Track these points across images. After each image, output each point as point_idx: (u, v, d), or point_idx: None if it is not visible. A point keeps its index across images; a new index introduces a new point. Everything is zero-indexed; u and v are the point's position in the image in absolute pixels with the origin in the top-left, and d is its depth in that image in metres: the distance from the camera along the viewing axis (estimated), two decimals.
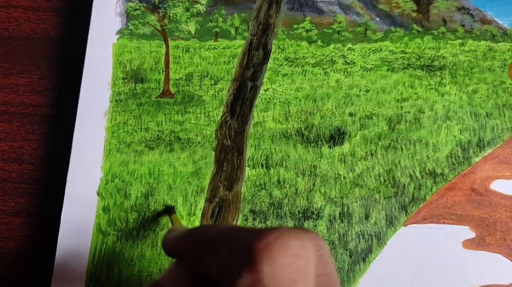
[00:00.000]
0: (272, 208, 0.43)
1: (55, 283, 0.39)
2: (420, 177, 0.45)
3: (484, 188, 0.45)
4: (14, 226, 0.44)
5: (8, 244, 0.44)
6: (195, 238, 0.26)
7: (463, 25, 0.51)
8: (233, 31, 0.49)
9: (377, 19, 0.50)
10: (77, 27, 0.51)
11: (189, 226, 0.42)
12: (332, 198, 0.44)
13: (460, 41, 0.50)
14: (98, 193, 0.43)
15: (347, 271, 0.41)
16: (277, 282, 0.21)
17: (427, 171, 0.45)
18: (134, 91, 0.47)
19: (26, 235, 0.44)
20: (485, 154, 0.46)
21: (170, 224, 0.42)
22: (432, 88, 0.48)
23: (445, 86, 0.48)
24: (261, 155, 0.45)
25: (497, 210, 0.44)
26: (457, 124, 0.47)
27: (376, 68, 0.48)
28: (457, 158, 0.45)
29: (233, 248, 0.22)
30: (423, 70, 0.49)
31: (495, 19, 0.51)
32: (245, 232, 0.23)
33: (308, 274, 0.22)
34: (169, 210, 0.39)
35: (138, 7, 0.49)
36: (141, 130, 0.45)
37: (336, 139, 0.46)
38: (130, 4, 0.49)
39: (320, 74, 0.48)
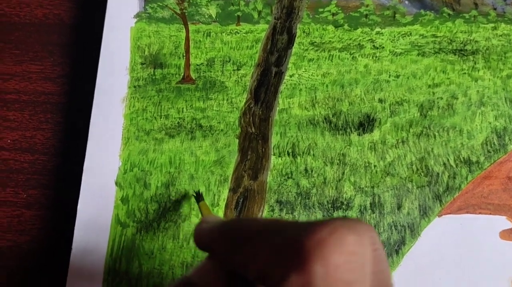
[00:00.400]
0: (299, 198, 0.41)
1: (71, 278, 0.37)
2: (454, 166, 0.42)
3: None
4: (27, 218, 0.42)
5: (19, 237, 0.42)
6: (232, 232, 0.23)
7: (495, 9, 0.48)
8: (255, 15, 0.47)
9: (406, 2, 0.48)
10: (91, 12, 0.49)
11: (221, 216, 0.39)
12: (363, 188, 0.41)
13: (492, 24, 0.48)
14: (116, 183, 0.41)
15: None
16: (331, 284, 0.18)
17: (462, 159, 0.43)
18: (153, 77, 0.44)
19: (38, 228, 0.42)
20: None
21: (193, 215, 0.39)
22: (465, 73, 0.46)
23: (478, 71, 0.46)
24: (287, 143, 0.42)
25: None
26: (492, 110, 0.44)
27: (406, 53, 0.46)
28: (492, 145, 0.43)
29: (277, 244, 0.20)
30: (455, 54, 0.46)
31: None
32: (290, 226, 0.20)
33: (365, 273, 0.19)
34: (197, 197, 0.37)
35: None
36: (161, 117, 0.43)
37: (366, 126, 0.43)
38: None
39: (348, 59, 0.46)
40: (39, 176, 0.44)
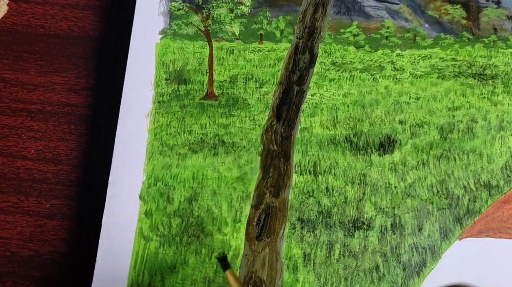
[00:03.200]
0: (320, 217, 0.41)
1: None
2: (474, 189, 0.43)
3: None
4: (49, 229, 0.43)
5: (42, 247, 0.43)
6: None
7: None
8: (278, 33, 0.48)
9: (426, 25, 0.49)
10: (116, 26, 0.50)
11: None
12: (383, 208, 0.42)
13: (511, 50, 0.48)
14: (140, 197, 0.41)
15: (401, 285, 0.39)
16: None
17: (482, 183, 0.43)
18: (177, 93, 0.45)
19: (61, 239, 0.43)
20: None
21: (215, 231, 0.40)
22: (484, 97, 0.46)
23: (497, 95, 0.46)
24: (308, 162, 0.43)
25: None
26: (511, 135, 0.45)
27: (426, 75, 0.47)
28: None
29: None
30: (474, 78, 0.47)
31: None
32: None
33: None
34: (223, 262, 0.34)
35: (181, 7, 0.47)
36: (184, 133, 0.44)
37: (386, 147, 0.44)
38: (174, 3, 0.48)
39: (369, 80, 0.47)
40: (62, 187, 0.44)
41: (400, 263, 0.40)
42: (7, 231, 0.43)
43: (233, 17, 0.48)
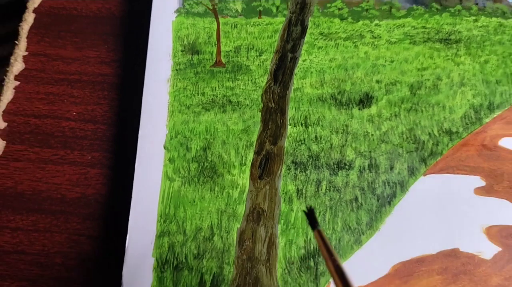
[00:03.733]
0: (310, 160, 0.50)
1: (132, 219, 0.47)
2: (437, 135, 0.52)
3: (493, 144, 0.52)
4: (92, 175, 0.52)
5: (86, 190, 0.52)
6: None
7: (476, 4, 0.57)
8: (274, 9, 0.56)
9: None
10: (138, 6, 0.58)
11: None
12: (362, 152, 0.51)
13: (474, 17, 0.57)
14: (164, 147, 0.50)
15: (375, 212, 0.49)
16: None
17: (444, 130, 0.52)
18: (191, 62, 0.54)
19: (102, 183, 0.52)
20: (495, 115, 0.53)
21: (225, 172, 0.50)
22: (449, 59, 0.55)
23: (460, 57, 0.55)
24: (300, 116, 0.52)
25: (504, 163, 0.51)
26: (470, 90, 0.53)
27: (399, 42, 0.56)
28: (470, 119, 0.52)
29: None
30: (441, 43, 0.55)
31: None
32: None
33: None
34: (310, 218, 0.33)
35: None
36: (198, 95, 0.53)
37: (365, 102, 0.53)
38: None
39: (351, 47, 0.55)
40: (100, 142, 0.54)
41: (375, 195, 0.50)
42: (58, 178, 0.52)
43: None
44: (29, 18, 0.58)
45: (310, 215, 0.35)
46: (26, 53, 0.57)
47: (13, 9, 0.59)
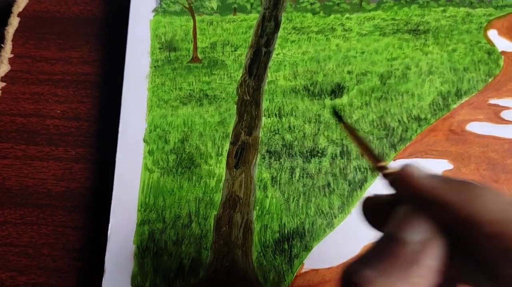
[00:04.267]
0: (284, 149, 0.53)
1: (114, 210, 0.50)
2: (407, 122, 0.54)
3: (461, 129, 0.54)
4: (76, 170, 0.55)
5: (71, 184, 0.54)
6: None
7: None
8: (249, 6, 0.59)
9: None
10: (116, 7, 0.61)
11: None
12: (334, 140, 0.53)
13: (442, 8, 0.59)
14: (144, 140, 0.53)
15: (347, 196, 0.51)
16: None
17: (413, 117, 0.54)
18: (169, 58, 0.57)
19: (85, 177, 0.54)
20: (462, 101, 0.55)
21: (202, 162, 0.52)
22: (417, 48, 0.57)
23: (428, 46, 0.57)
24: (274, 107, 0.54)
25: (471, 146, 0.53)
26: (438, 78, 0.56)
27: (370, 34, 0.58)
28: (438, 105, 0.55)
29: None
30: (410, 34, 0.58)
31: None
32: None
33: None
34: (336, 115, 0.37)
35: None
36: (176, 90, 0.55)
37: (337, 92, 0.55)
38: None
39: (323, 40, 0.58)
40: (83, 138, 0.56)
41: (346, 180, 0.52)
42: (43, 174, 0.55)
43: None
44: (14, 22, 0.61)
45: (336, 113, 0.39)
46: (12, 55, 0.59)
47: None
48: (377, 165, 0.31)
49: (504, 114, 0.54)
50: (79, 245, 0.51)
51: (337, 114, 0.38)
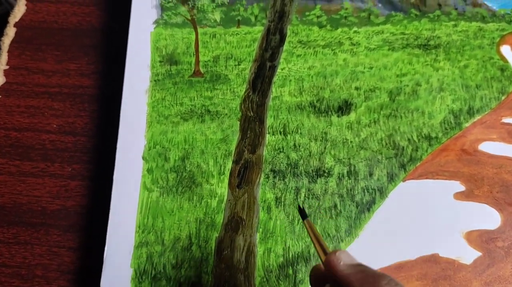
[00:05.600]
0: (289, 168, 0.50)
1: (111, 231, 0.48)
2: (417, 141, 0.52)
3: (473, 149, 0.52)
4: (72, 187, 0.53)
5: (67, 202, 0.52)
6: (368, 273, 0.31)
7: (456, 9, 0.57)
8: (253, 18, 0.57)
9: (379, 5, 0.57)
10: (117, 19, 0.59)
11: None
12: (341, 159, 0.51)
13: (453, 22, 0.57)
14: (143, 158, 0.51)
15: (354, 219, 0.49)
16: None
17: (423, 135, 0.52)
18: (170, 72, 0.55)
19: (81, 195, 0.52)
20: (475, 120, 0.53)
21: (203, 182, 0.49)
22: (428, 64, 0.55)
23: (439, 62, 0.55)
24: (279, 124, 0.52)
25: (484, 167, 0.51)
26: (450, 95, 0.53)
27: (378, 48, 0.56)
28: (449, 123, 0.52)
29: None
30: (420, 49, 0.56)
31: (485, 2, 0.57)
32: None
33: None
34: (302, 213, 0.39)
35: (171, 0, 0.57)
36: (176, 105, 0.53)
37: (344, 109, 0.53)
38: None
39: (330, 54, 0.56)
40: (80, 154, 0.54)
41: (354, 201, 0.50)
42: (38, 191, 0.53)
43: (214, 6, 0.57)
44: (10, 32, 0.59)
45: (301, 210, 0.40)
46: (7, 67, 0.57)
47: None
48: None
49: None
50: (74, 267, 0.49)
51: (301, 212, 0.39)
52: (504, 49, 0.56)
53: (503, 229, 0.49)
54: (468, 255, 0.48)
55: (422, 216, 0.49)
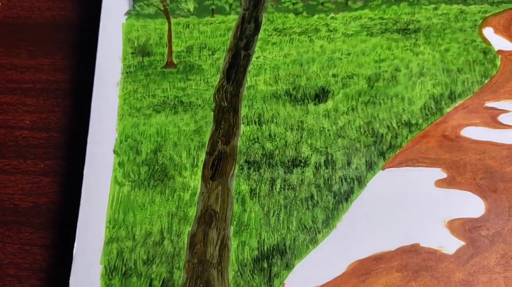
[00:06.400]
0: (264, 159, 0.49)
1: (81, 227, 0.46)
2: (396, 127, 0.50)
3: (455, 134, 0.50)
4: (45, 184, 0.52)
5: (39, 199, 0.51)
6: None
7: None
8: (227, 7, 0.55)
9: None
10: (90, 12, 0.58)
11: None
12: (318, 148, 0.49)
13: (433, 5, 0.55)
14: (114, 151, 0.49)
15: (332, 209, 0.47)
16: None
17: (403, 122, 0.50)
18: (142, 64, 0.53)
19: (54, 191, 0.51)
20: (456, 105, 0.51)
21: (176, 174, 0.48)
22: (407, 49, 0.53)
23: (419, 46, 0.53)
24: (254, 114, 0.51)
25: (467, 153, 0.49)
26: (430, 80, 0.52)
27: (356, 34, 0.54)
28: (430, 109, 0.51)
29: None
30: (399, 33, 0.54)
31: None
32: None
33: None
34: None
35: None
36: (149, 97, 0.52)
37: (321, 97, 0.51)
38: None
39: (306, 41, 0.54)
40: (53, 149, 0.53)
41: (331, 191, 0.48)
42: (10, 188, 0.52)
43: None
44: None
45: None
46: None
47: None
48: None
49: (502, 118, 0.50)
50: (46, 265, 0.48)
51: None
52: (487, 31, 0.54)
53: (487, 217, 0.47)
54: (451, 244, 0.46)
55: (402, 205, 0.47)
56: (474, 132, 0.50)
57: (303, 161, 0.49)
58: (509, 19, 0.55)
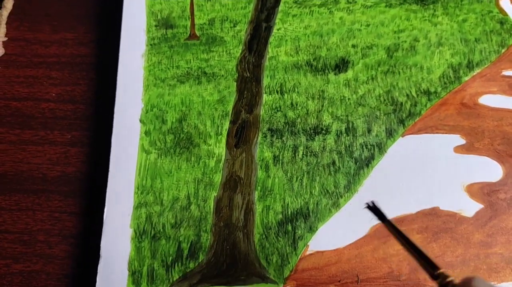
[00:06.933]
0: (287, 127, 0.50)
1: (110, 193, 0.48)
2: (415, 96, 0.51)
3: (473, 102, 0.51)
4: (72, 154, 0.53)
5: (67, 168, 0.52)
6: None
7: None
8: None
9: None
10: None
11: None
12: (339, 116, 0.50)
13: None
14: (140, 120, 0.51)
15: (353, 175, 0.48)
16: None
17: (422, 90, 0.51)
18: (166, 36, 0.54)
19: (81, 161, 0.53)
20: (474, 73, 0.52)
21: (201, 142, 0.49)
22: (426, 19, 0.54)
23: (437, 17, 0.54)
24: (276, 83, 0.52)
25: (485, 120, 0.50)
26: (448, 49, 0.53)
27: (375, 5, 0.55)
28: (448, 78, 0.52)
29: None
30: (417, 4, 0.55)
31: None
32: None
33: None
34: (376, 212, 0.34)
35: None
36: (173, 68, 0.53)
37: (341, 67, 0.52)
38: None
39: (326, 13, 0.55)
40: (79, 121, 0.54)
41: (352, 158, 0.49)
42: (39, 158, 0.53)
43: None
44: (8, 4, 0.59)
45: (375, 209, 0.35)
46: (6, 38, 0.58)
47: None
48: (434, 273, 0.30)
49: None
50: (75, 231, 0.50)
51: (377, 212, 0.34)
52: (504, 2, 0.55)
53: (505, 181, 0.48)
54: (470, 207, 0.47)
55: (422, 171, 0.48)
56: (492, 100, 0.51)
57: (324, 128, 0.50)
58: None
